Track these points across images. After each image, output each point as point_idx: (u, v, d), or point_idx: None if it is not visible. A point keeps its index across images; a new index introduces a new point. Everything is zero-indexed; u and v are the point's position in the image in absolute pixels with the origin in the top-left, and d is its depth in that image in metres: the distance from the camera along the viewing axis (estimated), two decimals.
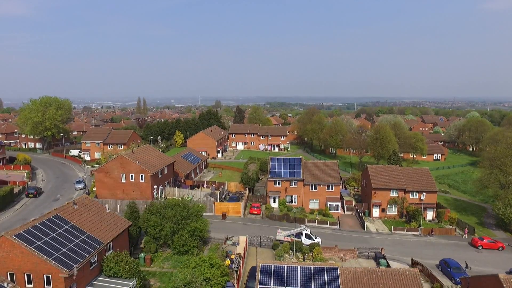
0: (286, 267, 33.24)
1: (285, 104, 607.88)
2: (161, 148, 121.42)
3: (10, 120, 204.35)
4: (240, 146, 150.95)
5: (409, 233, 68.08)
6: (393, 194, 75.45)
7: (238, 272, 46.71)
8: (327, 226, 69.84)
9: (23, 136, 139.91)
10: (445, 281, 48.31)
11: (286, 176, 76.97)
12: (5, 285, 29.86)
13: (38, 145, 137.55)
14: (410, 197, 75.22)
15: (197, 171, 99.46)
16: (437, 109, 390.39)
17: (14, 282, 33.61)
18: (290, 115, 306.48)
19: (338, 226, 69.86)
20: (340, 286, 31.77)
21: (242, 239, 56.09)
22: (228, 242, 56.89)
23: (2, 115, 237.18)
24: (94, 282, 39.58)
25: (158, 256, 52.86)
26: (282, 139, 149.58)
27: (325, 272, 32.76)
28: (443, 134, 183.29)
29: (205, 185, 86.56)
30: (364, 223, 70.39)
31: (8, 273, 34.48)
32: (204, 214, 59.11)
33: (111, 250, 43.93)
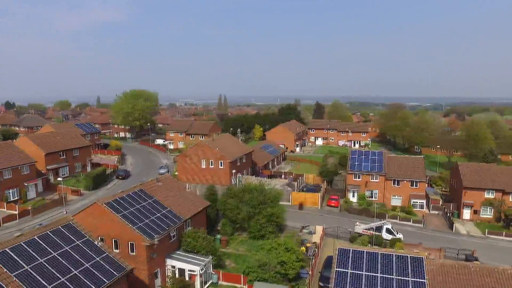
0: (365, 252, 31.19)
1: (366, 104, 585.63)
2: (240, 140, 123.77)
3: (105, 113, 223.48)
4: (319, 142, 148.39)
5: (508, 239, 60.95)
6: (489, 195, 68.23)
7: (314, 261, 45.40)
8: (410, 223, 65.41)
9: (116, 126, 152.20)
10: None
11: (367, 169, 73.52)
12: (97, 243, 32.02)
13: (128, 135, 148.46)
14: (510, 199, 67.40)
15: (275, 163, 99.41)
16: None
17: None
18: (372, 114, 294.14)
19: (422, 225, 65.07)
20: (426, 277, 28.99)
21: (319, 229, 54.64)
22: (304, 230, 55.73)
23: (100, 109, 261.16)
24: (173, 255, 40.92)
25: (234, 239, 53.41)
26: (363, 135, 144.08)
27: (409, 260, 30.12)
28: None
29: (282, 176, 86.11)
30: (453, 223, 64.60)
31: (99, 237, 36.92)
32: (280, 203, 58.55)
33: (190, 227, 45.18)
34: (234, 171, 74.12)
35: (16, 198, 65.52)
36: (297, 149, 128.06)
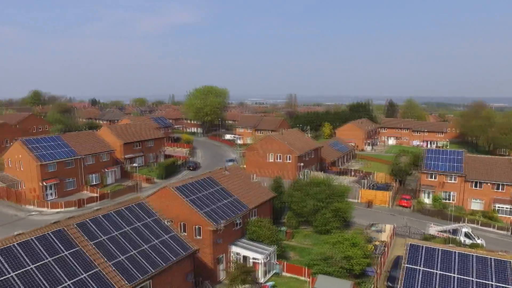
0: (439, 249, 28.86)
1: (445, 104, 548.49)
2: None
3: (177, 109, 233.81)
4: (391, 141, 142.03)
5: None
6: None
7: (381, 259, 43.24)
8: (493, 230, 59.78)
9: (187, 121, 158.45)
10: None
11: (443, 169, 68.66)
12: (165, 223, 33.34)
13: (199, 130, 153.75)
14: None
15: (344, 160, 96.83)
16: None
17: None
18: (451, 115, 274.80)
19: (509, 232, 59.18)
20: None
21: (388, 227, 52.07)
22: (372, 228, 53.36)
23: (173, 106, 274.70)
24: (237, 242, 41.29)
25: (299, 232, 52.74)
26: (440, 135, 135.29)
27: (491, 262, 27.32)
28: None
29: (351, 173, 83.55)
30: None
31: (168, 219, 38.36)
32: (348, 200, 56.76)
33: (255, 216, 45.32)
34: (301, 165, 73.33)
35: (97, 183, 70.74)
36: (368, 148, 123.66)
